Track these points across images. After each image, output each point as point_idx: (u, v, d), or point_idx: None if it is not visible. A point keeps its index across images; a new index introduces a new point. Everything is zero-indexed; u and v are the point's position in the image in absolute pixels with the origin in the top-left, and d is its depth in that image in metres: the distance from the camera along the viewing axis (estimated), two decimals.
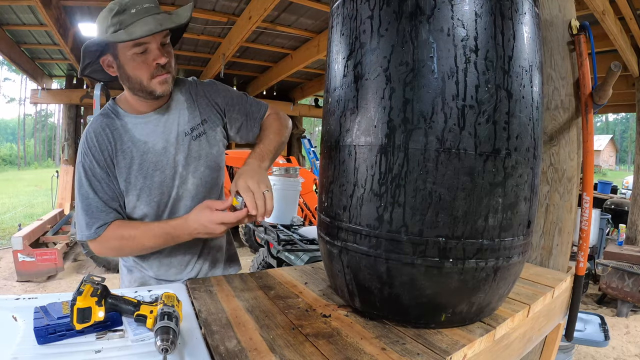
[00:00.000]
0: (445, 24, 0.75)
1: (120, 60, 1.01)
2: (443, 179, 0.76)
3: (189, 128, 1.12)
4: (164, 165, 1.09)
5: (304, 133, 9.82)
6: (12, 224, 7.15)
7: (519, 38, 0.80)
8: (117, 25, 0.95)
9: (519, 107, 0.80)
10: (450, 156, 0.76)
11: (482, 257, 0.79)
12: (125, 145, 1.06)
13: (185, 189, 1.12)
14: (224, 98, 1.19)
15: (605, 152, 41.11)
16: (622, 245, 4.26)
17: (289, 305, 0.92)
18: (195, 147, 1.12)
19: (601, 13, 2.96)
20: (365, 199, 0.82)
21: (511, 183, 0.80)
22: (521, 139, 0.80)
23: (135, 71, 1.00)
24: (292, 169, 3.05)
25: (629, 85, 5.06)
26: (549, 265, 1.33)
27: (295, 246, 2.33)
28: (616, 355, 2.96)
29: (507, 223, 0.81)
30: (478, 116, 0.76)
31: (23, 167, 28.76)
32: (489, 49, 0.76)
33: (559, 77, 1.29)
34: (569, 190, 1.31)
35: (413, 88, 0.76)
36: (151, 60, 1.00)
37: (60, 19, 4.39)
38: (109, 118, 1.07)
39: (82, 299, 0.70)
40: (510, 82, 0.78)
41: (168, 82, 1.04)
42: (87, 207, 1.03)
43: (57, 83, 9.19)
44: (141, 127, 1.08)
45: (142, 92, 1.03)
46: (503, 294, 0.89)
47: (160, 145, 1.08)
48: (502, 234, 0.81)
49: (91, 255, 4.47)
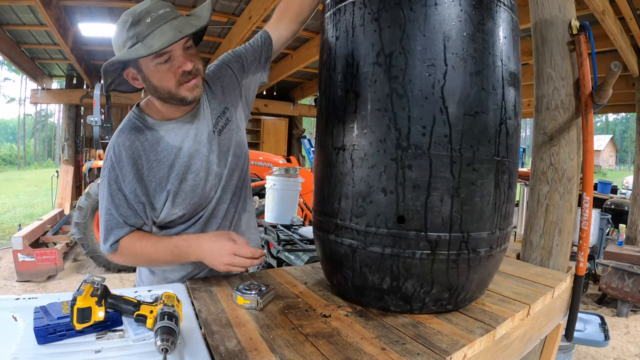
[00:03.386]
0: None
1: (145, 73, 0.97)
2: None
3: (213, 124, 1.10)
4: (197, 168, 1.06)
5: (304, 133, 9.82)
6: (12, 224, 7.15)
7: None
8: (133, 38, 0.90)
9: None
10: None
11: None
12: (160, 155, 1.03)
13: (223, 186, 1.11)
14: (233, 65, 1.16)
15: (605, 152, 41.10)
16: (622, 245, 4.26)
17: (289, 305, 0.92)
18: (223, 140, 1.11)
19: (601, 13, 2.96)
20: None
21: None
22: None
23: (161, 82, 0.96)
24: (292, 169, 3.04)
25: (629, 85, 5.06)
26: (549, 265, 1.33)
27: (295, 246, 2.33)
28: (616, 355, 2.96)
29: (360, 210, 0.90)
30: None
31: (23, 167, 28.74)
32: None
33: (559, 77, 1.29)
34: (569, 190, 1.31)
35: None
36: (176, 67, 0.95)
37: (60, 19, 4.39)
38: (137, 131, 1.03)
39: (82, 299, 0.70)
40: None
41: (198, 86, 1.00)
42: (107, 221, 1.02)
43: (57, 83, 9.19)
44: (174, 132, 1.05)
45: (172, 99, 1.00)
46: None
47: (193, 148, 1.06)
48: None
49: (91, 255, 4.48)
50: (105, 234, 1.03)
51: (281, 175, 2.78)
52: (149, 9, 0.91)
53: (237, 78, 1.16)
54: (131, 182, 1.01)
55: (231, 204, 1.15)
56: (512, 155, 0.93)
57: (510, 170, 0.93)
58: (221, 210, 1.13)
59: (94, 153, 5.91)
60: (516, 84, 0.92)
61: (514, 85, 0.91)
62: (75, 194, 6.99)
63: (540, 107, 1.34)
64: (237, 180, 1.15)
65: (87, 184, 4.94)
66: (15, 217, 8.31)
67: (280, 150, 9.30)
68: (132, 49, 0.90)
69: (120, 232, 1.03)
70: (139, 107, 1.08)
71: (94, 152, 5.88)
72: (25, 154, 32.45)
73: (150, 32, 0.89)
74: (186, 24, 0.92)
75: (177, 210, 1.07)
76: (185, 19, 0.94)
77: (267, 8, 3.84)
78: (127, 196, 1.01)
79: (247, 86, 1.19)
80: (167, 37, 0.88)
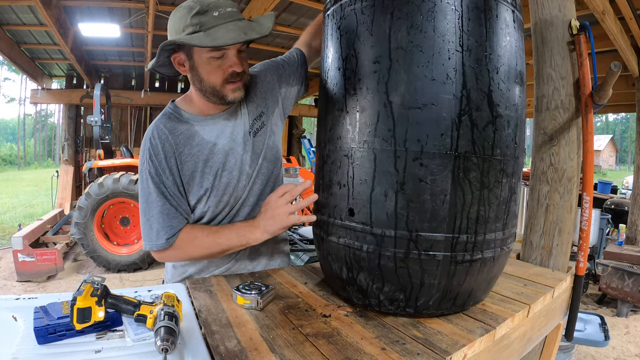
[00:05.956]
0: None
1: (195, 61, 0.99)
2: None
3: (249, 125, 1.11)
4: (231, 166, 1.08)
5: (304, 133, 9.82)
6: (12, 224, 7.16)
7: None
8: (196, 26, 0.91)
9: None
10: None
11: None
12: (194, 149, 1.04)
13: (251, 188, 1.12)
14: (273, 73, 1.19)
15: (605, 152, 41.12)
16: (622, 245, 4.26)
17: (289, 305, 0.92)
18: (257, 143, 1.12)
19: (601, 13, 2.96)
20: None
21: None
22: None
23: (209, 75, 0.99)
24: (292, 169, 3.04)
25: (629, 85, 5.06)
26: (549, 265, 1.33)
27: (295, 246, 2.33)
28: (616, 355, 2.96)
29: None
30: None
31: (23, 167, 28.74)
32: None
33: (559, 77, 1.29)
34: (569, 190, 1.31)
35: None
36: (227, 66, 0.98)
37: (60, 19, 4.39)
38: (172, 122, 1.05)
39: (82, 299, 0.70)
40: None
41: (241, 90, 1.03)
42: (158, 215, 1.01)
43: (57, 83, 9.19)
44: (210, 128, 1.07)
45: (213, 96, 1.02)
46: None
47: (228, 146, 1.07)
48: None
49: (91, 255, 4.48)
50: (158, 228, 1.01)
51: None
52: (217, 3, 0.93)
53: (277, 85, 1.18)
54: (170, 172, 1.02)
55: (256, 207, 1.14)
56: (487, 151, 0.81)
57: (484, 168, 0.81)
58: (243, 213, 1.13)
59: (94, 153, 5.92)
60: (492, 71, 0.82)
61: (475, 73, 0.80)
62: (75, 194, 7.00)
63: (540, 107, 1.34)
64: (265, 185, 1.15)
65: (87, 184, 4.94)
66: (15, 217, 8.32)
67: None
68: (194, 36, 0.91)
69: (175, 222, 1.02)
70: (174, 102, 1.10)
71: (94, 152, 5.88)
72: (25, 154, 32.45)
73: (215, 25, 0.91)
74: (250, 29, 0.94)
75: (206, 208, 1.08)
76: (249, 23, 0.96)
77: (267, 8, 3.85)
78: (170, 187, 1.02)
79: (285, 96, 1.21)
80: (232, 35, 0.90)
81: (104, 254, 4.52)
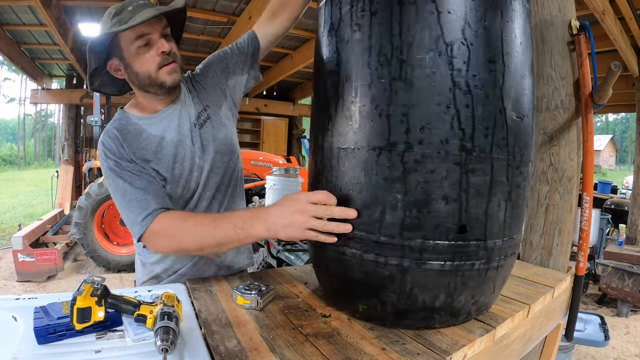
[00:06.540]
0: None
1: (126, 59, 1.02)
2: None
3: (195, 118, 1.13)
4: (182, 157, 1.09)
5: (304, 133, 9.82)
6: (12, 224, 7.16)
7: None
8: (117, 24, 0.96)
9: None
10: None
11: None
12: (142, 143, 1.06)
13: (202, 178, 1.12)
14: (217, 66, 1.19)
15: (605, 152, 41.12)
16: (622, 245, 4.26)
17: (289, 305, 0.92)
18: (205, 134, 1.13)
19: (601, 13, 2.96)
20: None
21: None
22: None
23: (142, 66, 1.02)
24: (292, 169, 3.04)
25: (629, 85, 5.06)
26: (549, 265, 1.33)
27: (295, 246, 2.33)
28: (616, 355, 2.96)
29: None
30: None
31: (23, 167, 28.76)
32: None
33: (559, 77, 1.29)
34: (569, 190, 1.31)
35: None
36: (155, 50, 1.01)
37: (60, 19, 4.39)
38: (121, 125, 1.07)
39: (82, 299, 0.70)
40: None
41: (177, 71, 1.05)
42: (128, 203, 0.98)
43: (57, 83, 9.20)
44: (156, 125, 1.08)
45: (152, 86, 1.04)
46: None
47: (177, 138, 1.09)
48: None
49: (91, 255, 4.48)
50: (133, 217, 0.96)
51: (281, 175, 2.79)
52: (131, 1, 0.99)
53: (221, 78, 1.19)
54: (129, 159, 1.04)
55: (214, 202, 1.15)
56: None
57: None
58: (201, 207, 1.13)
59: (94, 153, 5.92)
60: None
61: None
62: (75, 194, 7.00)
63: (540, 107, 1.34)
64: (222, 178, 1.16)
65: (87, 184, 4.95)
66: (15, 217, 8.32)
67: (280, 150, 9.30)
68: (114, 27, 0.96)
69: (149, 198, 0.97)
70: (122, 109, 1.13)
71: (94, 152, 5.89)
72: (25, 154, 32.47)
73: (132, 16, 0.96)
74: (164, 8, 1.00)
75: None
76: (163, 7, 1.01)
77: None
78: (133, 169, 1.02)
79: (232, 86, 1.21)
80: (146, 15, 0.95)
81: (104, 254, 4.53)
